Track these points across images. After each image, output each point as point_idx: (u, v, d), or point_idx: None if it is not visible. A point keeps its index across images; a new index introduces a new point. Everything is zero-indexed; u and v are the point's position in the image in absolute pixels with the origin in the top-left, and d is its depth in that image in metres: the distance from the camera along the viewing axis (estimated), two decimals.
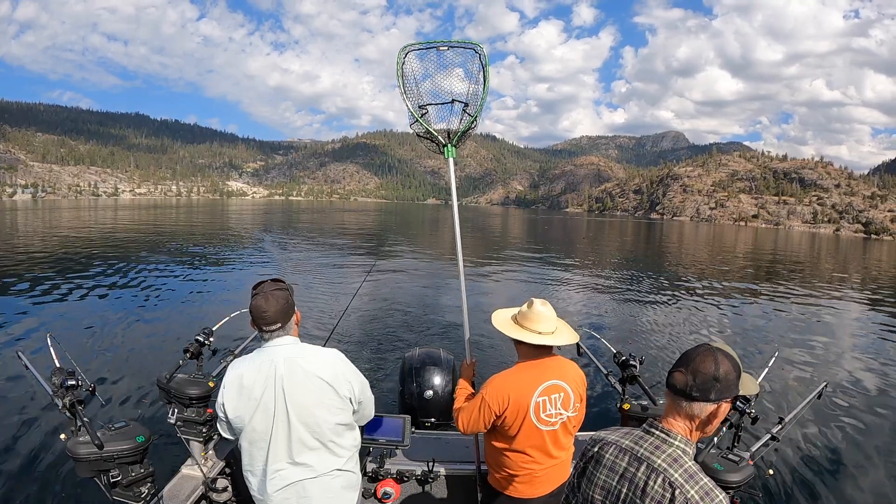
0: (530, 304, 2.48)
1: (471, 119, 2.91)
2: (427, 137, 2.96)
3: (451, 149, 2.94)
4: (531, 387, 2.39)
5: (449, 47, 2.85)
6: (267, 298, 2.13)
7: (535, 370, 2.44)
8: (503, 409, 2.38)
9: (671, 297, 16.12)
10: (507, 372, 2.47)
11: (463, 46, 2.86)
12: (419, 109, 2.90)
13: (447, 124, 2.97)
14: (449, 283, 16.63)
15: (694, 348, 1.49)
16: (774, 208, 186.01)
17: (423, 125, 2.91)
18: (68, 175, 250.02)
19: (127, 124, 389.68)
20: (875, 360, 9.96)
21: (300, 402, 2.09)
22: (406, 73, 2.85)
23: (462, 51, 2.88)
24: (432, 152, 3.02)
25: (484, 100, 2.88)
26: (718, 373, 1.43)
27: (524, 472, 2.47)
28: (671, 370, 1.49)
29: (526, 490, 2.49)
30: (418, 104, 2.90)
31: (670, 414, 1.50)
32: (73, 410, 2.38)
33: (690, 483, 1.38)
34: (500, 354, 8.08)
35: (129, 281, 15.10)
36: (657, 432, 1.49)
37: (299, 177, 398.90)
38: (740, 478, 2.39)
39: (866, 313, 15.71)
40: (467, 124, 2.93)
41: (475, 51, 2.86)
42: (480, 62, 2.85)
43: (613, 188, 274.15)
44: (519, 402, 2.37)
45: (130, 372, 7.35)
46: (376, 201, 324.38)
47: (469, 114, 2.92)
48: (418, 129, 2.95)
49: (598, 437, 1.62)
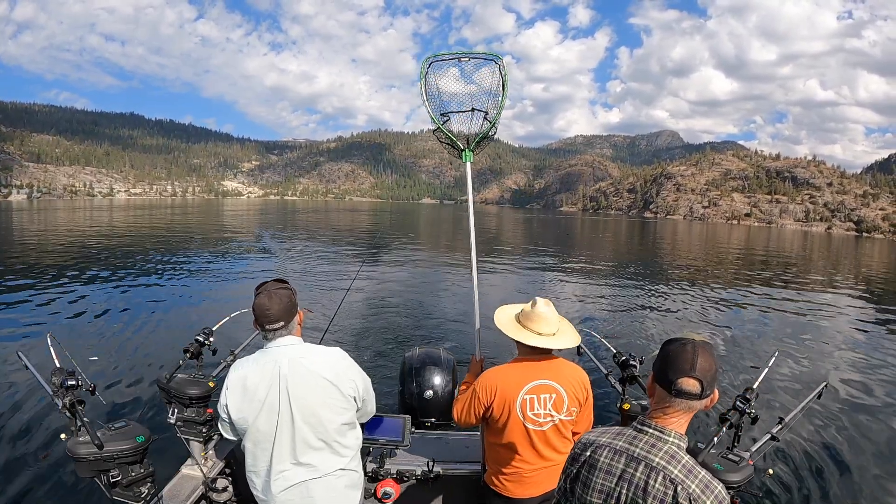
0: (534, 304, 2.50)
1: (490, 126, 3.05)
2: (448, 143, 3.10)
3: (469, 153, 3.07)
4: (519, 383, 2.43)
5: (470, 58, 3.02)
6: (270, 297, 2.13)
7: (527, 368, 2.48)
8: (490, 401, 2.45)
9: (670, 296, 16.17)
10: (501, 366, 2.54)
11: (484, 58, 3.02)
12: (441, 117, 3.06)
13: (467, 130, 3.13)
14: (449, 283, 16.65)
15: (681, 349, 1.46)
16: (767, 207, 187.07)
17: (445, 132, 3.06)
18: (63, 175, 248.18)
19: (122, 124, 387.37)
20: (874, 359, 9.99)
21: (304, 403, 2.09)
22: (429, 81, 3.00)
23: (483, 62, 3.03)
24: (453, 157, 3.14)
25: (502, 108, 3.01)
26: (716, 365, 1.45)
27: (513, 470, 2.50)
28: (675, 377, 1.45)
29: (515, 489, 2.51)
30: (440, 112, 3.05)
31: (666, 411, 1.49)
32: (73, 410, 2.36)
33: (690, 478, 1.39)
34: (505, 350, 7.97)
35: (128, 281, 15.07)
36: (651, 430, 1.49)
37: (294, 176, 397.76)
38: (740, 478, 2.39)
39: (864, 312, 15.78)
40: (486, 131, 3.06)
41: (495, 62, 3.00)
42: (500, 73, 2.99)
43: (608, 187, 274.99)
44: (505, 396, 2.42)
45: (130, 372, 7.34)
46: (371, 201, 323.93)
47: (488, 121, 3.05)
48: (440, 136, 3.10)
49: (589, 441, 1.60)
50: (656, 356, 1.55)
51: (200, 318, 10.66)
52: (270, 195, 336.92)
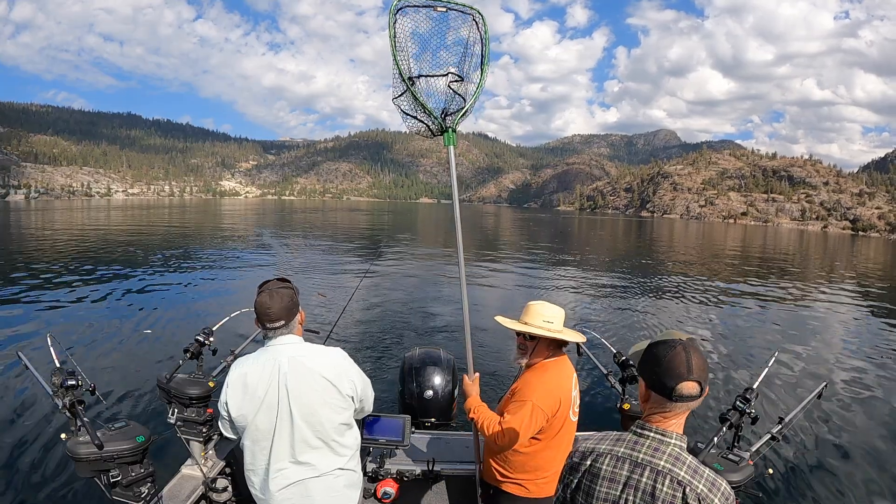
0: (532, 306, 2.50)
1: (473, 97, 2.51)
2: (415, 117, 2.50)
3: (452, 135, 2.51)
4: (568, 383, 2.43)
5: (448, 8, 2.47)
6: (272, 295, 2.13)
7: (563, 366, 2.47)
8: (555, 412, 2.35)
9: (670, 296, 16.17)
10: (545, 373, 2.43)
11: (461, 10, 2.49)
12: (408, 81, 2.41)
13: (441, 103, 2.52)
14: (448, 283, 16.60)
15: (673, 352, 1.43)
16: (763, 206, 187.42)
17: (416, 97, 2.42)
18: (61, 175, 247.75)
19: (119, 124, 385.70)
20: (875, 359, 9.98)
21: (304, 401, 2.09)
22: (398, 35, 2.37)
23: (462, 16, 2.51)
24: (422, 136, 2.56)
25: (484, 76, 2.51)
26: (706, 364, 1.45)
27: (556, 469, 2.36)
28: (675, 383, 1.41)
29: (553, 488, 2.48)
30: (408, 76, 2.40)
31: (665, 415, 1.47)
32: (73, 410, 2.37)
33: (697, 478, 1.39)
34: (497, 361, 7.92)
35: (128, 281, 15.05)
36: (652, 434, 1.47)
37: (292, 176, 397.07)
38: (740, 478, 2.40)
39: (864, 312, 15.78)
40: (468, 105, 2.52)
41: (473, 18, 2.51)
42: (480, 30, 2.52)
43: (605, 186, 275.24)
44: (565, 401, 2.39)
45: (130, 372, 7.32)
46: (369, 200, 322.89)
47: (461, 94, 2.53)
48: (407, 106, 2.48)
49: (588, 449, 1.56)
50: (641, 359, 1.50)
51: (200, 318, 10.66)
52: (268, 195, 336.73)
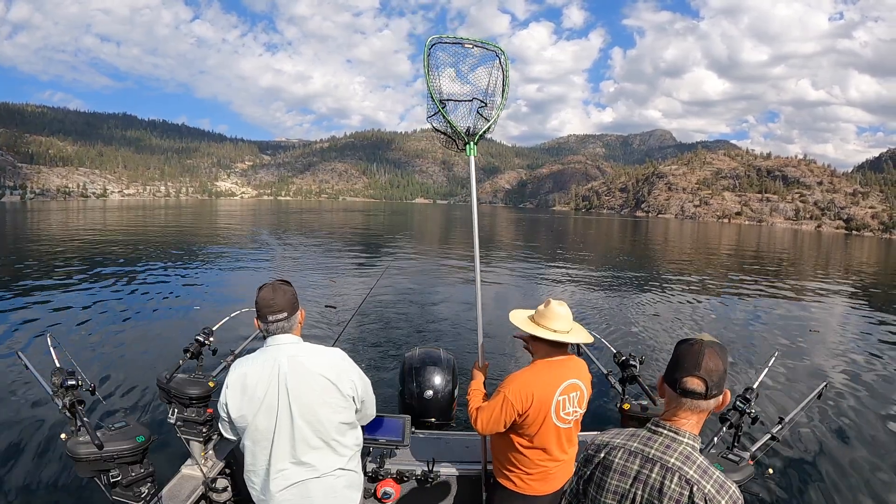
0: (547, 304, 2.50)
1: (493, 120, 2.93)
2: (445, 133, 2.97)
3: (473, 147, 2.95)
4: (553, 385, 2.41)
5: (474, 45, 2.87)
6: (274, 290, 2.15)
7: (556, 369, 2.46)
8: (526, 408, 2.38)
9: (669, 296, 16.21)
10: (529, 370, 2.48)
11: (485, 48, 2.90)
12: (440, 104, 2.88)
13: (466, 122, 2.98)
14: (449, 283, 16.64)
15: (689, 348, 1.49)
16: (757, 205, 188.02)
17: (445, 117, 2.89)
18: (56, 176, 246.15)
19: (115, 125, 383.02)
20: (874, 358, 10.01)
21: (304, 401, 2.08)
22: (431, 65, 2.83)
23: (484, 52, 2.91)
24: (447, 148, 3.03)
25: (504, 102, 2.91)
26: (726, 365, 1.46)
27: (540, 469, 2.49)
28: (680, 376, 1.47)
29: (540, 487, 2.51)
30: (439, 99, 2.88)
31: (678, 413, 1.51)
32: (73, 410, 2.37)
33: (705, 478, 1.40)
34: (508, 355, 8.00)
35: (128, 281, 15.03)
36: (666, 431, 1.50)
37: (288, 176, 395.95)
38: (740, 478, 2.41)
39: (863, 311, 15.83)
40: (488, 125, 2.94)
41: (497, 55, 2.90)
42: (501, 66, 2.89)
43: (600, 186, 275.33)
44: (542, 401, 2.38)
45: (130, 372, 7.31)
46: (365, 201, 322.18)
47: (484, 117, 2.95)
48: (438, 124, 2.95)
49: (603, 443, 1.61)
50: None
51: (200, 318, 10.64)
52: (264, 195, 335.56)
